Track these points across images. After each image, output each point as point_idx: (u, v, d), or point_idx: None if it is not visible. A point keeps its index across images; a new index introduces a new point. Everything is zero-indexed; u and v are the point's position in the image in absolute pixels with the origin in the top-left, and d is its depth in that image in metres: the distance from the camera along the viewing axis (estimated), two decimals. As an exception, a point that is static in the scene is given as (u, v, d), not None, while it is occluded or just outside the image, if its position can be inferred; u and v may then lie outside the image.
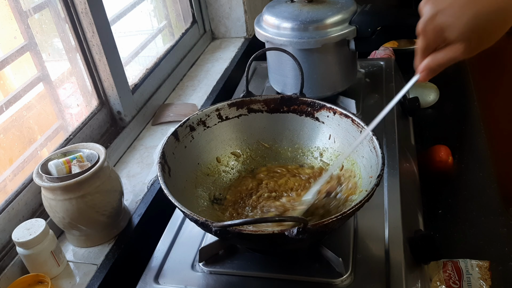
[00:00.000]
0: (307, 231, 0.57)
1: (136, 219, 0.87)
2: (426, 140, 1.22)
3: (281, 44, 1.00)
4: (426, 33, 0.52)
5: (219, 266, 0.72)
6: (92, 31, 0.98)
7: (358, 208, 0.62)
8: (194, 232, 0.80)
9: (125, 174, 1.00)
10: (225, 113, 0.86)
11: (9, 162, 0.85)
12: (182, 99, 1.27)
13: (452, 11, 0.49)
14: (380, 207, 0.79)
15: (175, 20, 1.46)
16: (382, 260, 0.70)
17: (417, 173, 1.04)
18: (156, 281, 0.72)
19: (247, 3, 1.52)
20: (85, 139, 0.98)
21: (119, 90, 1.06)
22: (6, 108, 0.83)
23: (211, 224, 0.59)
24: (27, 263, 0.74)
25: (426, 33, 0.52)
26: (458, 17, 0.49)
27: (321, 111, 0.84)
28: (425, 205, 0.99)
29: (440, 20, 0.50)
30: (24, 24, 0.88)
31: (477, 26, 0.48)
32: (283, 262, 0.72)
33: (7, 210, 0.79)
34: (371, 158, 0.72)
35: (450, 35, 0.50)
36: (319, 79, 1.05)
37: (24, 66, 0.91)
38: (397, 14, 0.99)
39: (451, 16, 0.49)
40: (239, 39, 1.57)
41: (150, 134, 1.13)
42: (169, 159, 0.76)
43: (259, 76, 1.27)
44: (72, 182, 0.73)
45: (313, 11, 1.00)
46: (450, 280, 0.89)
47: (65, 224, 0.78)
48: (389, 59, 1.28)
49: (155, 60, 1.27)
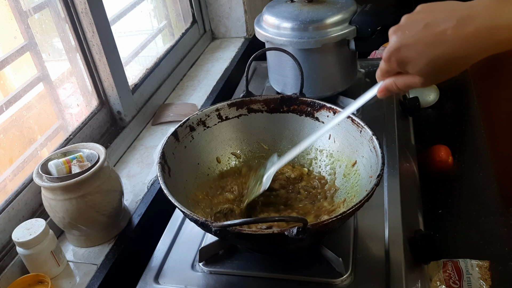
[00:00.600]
0: (307, 231, 0.57)
1: (136, 219, 0.87)
2: (426, 140, 1.22)
3: (281, 44, 1.00)
4: (390, 61, 0.56)
5: (219, 266, 0.72)
6: (92, 31, 0.98)
7: (358, 208, 0.62)
8: (194, 232, 0.80)
9: (125, 174, 1.00)
10: (225, 113, 0.86)
11: (9, 162, 0.85)
12: (182, 99, 1.27)
13: (415, 49, 0.53)
14: (380, 207, 0.79)
15: (175, 20, 1.46)
16: (382, 260, 0.70)
17: (417, 173, 1.04)
18: (156, 281, 0.72)
19: (247, 3, 1.52)
20: (85, 139, 0.98)
21: (119, 90, 1.06)
22: (6, 108, 0.83)
23: (211, 224, 0.59)
24: (27, 263, 0.74)
25: (389, 62, 0.56)
26: (419, 55, 0.52)
27: (321, 111, 0.84)
28: (425, 205, 0.99)
29: (403, 53, 0.54)
30: (24, 24, 0.88)
31: (435, 67, 0.52)
32: (283, 262, 0.72)
33: (7, 210, 0.79)
34: (371, 158, 0.72)
35: (410, 69, 0.54)
36: (319, 79, 1.05)
37: (24, 66, 0.91)
38: (397, 14, 0.99)
39: (414, 53, 0.53)
40: (239, 39, 1.57)
41: (150, 134, 1.13)
42: (169, 159, 0.76)
43: (259, 76, 1.28)
44: (72, 182, 0.73)
45: (313, 11, 1.00)
46: (450, 280, 0.89)
47: (65, 224, 0.78)
48: (389, 59, 1.27)
49: (155, 60, 1.27)
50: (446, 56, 0.51)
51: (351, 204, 0.69)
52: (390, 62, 0.56)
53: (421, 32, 0.52)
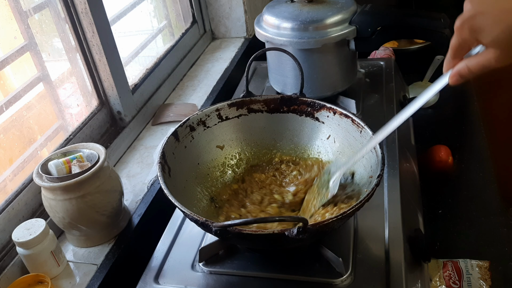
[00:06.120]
0: (307, 231, 0.57)
1: (136, 219, 0.87)
2: (426, 140, 1.22)
3: (281, 44, 1.00)
4: (463, 30, 0.53)
5: (219, 266, 0.72)
6: (92, 31, 0.98)
7: (358, 208, 0.62)
8: (194, 232, 0.80)
9: (125, 174, 1.00)
10: (225, 113, 0.86)
11: (9, 162, 0.85)
12: (182, 99, 1.27)
13: (491, 16, 0.50)
14: (380, 207, 0.79)
15: (175, 20, 1.46)
16: (382, 260, 0.70)
17: (417, 173, 1.04)
18: (156, 281, 0.72)
19: (247, 3, 1.52)
20: (85, 139, 0.98)
21: (119, 90, 1.06)
22: (6, 108, 0.83)
23: (211, 224, 0.59)
24: (27, 263, 0.74)
25: (462, 31, 0.53)
26: (495, 22, 0.49)
27: (321, 111, 0.84)
28: (425, 205, 0.99)
29: (478, 20, 0.51)
30: (24, 24, 0.88)
31: (511, 36, 0.49)
32: (283, 262, 0.72)
33: (7, 210, 0.79)
34: (371, 158, 0.72)
35: (485, 37, 0.51)
36: (319, 79, 1.05)
37: (24, 66, 0.91)
38: (397, 14, 0.99)
39: (490, 19, 0.50)
40: (239, 39, 1.57)
41: (150, 134, 1.13)
42: (169, 159, 0.76)
43: (259, 76, 1.27)
44: (72, 182, 0.73)
45: (313, 11, 1.00)
46: (450, 280, 0.89)
47: (65, 224, 0.78)
48: (389, 59, 1.28)
49: (155, 60, 1.27)
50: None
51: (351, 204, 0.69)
52: (462, 30, 0.52)
53: (498, 0, 0.49)
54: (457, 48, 0.55)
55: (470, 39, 0.53)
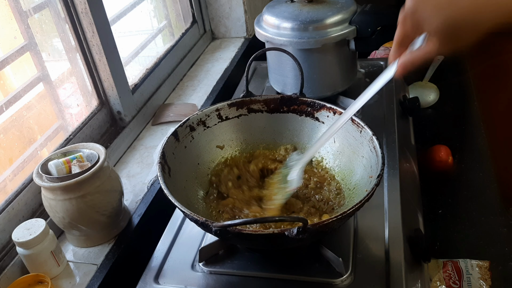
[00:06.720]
0: (307, 231, 0.57)
1: (136, 219, 0.87)
2: (426, 140, 1.22)
3: (281, 44, 1.00)
4: (405, 23, 0.56)
5: (219, 266, 0.72)
6: (92, 31, 0.98)
7: (358, 208, 0.62)
8: (194, 232, 0.80)
9: (125, 174, 1.00)
10: (225, 113, 0.86)
11: (9, 162, 0.85)
12: (182, 99, 1.27)
13: (431, 8, 0.53)
14: (380, 207, 0.79)
15: (175, 20, 1.46)
16: (382, 260, 0.70)
17: (417, 173, 1.04)
18: (156, 281, 0.72)
19: (247, 3, 1.52)
20: (85, 139, 0.98)
21: (119, 90, 1.06)
22: (6, 108, 0.83)
23: (211, 224, 0.59)
24: (27, 263, 0.74)
25: (405, 24, 0.56)
26: (435, 14, 0.53)
27: (321, 111, 0.84)
28: (425, 205, 0.99)
29: (419, 13, 0.54)
30: (24, 24, 0.88)
31: (450, 26, 0.52)
32: (283, 262, 0.72)
33: (7, 210, 0.79)
34: (371, 158, 0.72)
35: (426, 27, 0.54)
36: (319, 79, 1.05)
37: (24, 66, 0.91)
38: (397, 14, 0.99)
39: (430, 11, 0.53)
40: (239, 39, 1.57)
41: (150, 134, 1.13)
42: (169, 159, 0.76)
43: (259, 76, 1.28)
44: (72, 182, 0.73)
45: (313, 11, 1.00)
46: (450, 280, 0.90)
47: (65, 224, 0.78)
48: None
49: (155, 60, 1.27)
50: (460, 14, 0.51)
51: (351, 204, 0.69)
52: (405, 23, 0.56)
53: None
54: (401, 40, 0.58)
55: (412, 31, 0.56)
